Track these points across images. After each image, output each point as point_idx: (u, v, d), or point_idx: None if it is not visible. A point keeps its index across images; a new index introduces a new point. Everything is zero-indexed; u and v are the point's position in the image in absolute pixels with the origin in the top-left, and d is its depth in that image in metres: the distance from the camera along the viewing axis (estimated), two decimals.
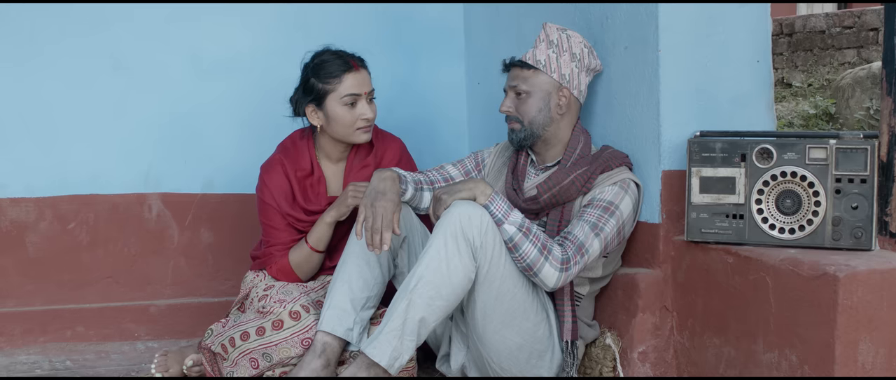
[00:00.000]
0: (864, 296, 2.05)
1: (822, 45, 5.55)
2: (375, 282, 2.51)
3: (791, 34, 5.83)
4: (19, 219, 3.05)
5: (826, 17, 5.54)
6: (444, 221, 2.30)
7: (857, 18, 5.37)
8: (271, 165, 2.74)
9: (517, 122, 2.62)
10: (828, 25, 5.51)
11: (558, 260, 2.35)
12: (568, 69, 2.57)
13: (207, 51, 3.23)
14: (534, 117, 2.59)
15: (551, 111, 2.58)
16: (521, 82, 2.59)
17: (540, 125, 2.59)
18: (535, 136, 2.61)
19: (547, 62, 2.56)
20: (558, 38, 2.58)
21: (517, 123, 2.62)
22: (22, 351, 2.95)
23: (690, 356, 2.48)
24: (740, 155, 2.37)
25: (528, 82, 2.58)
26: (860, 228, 2.25)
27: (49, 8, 3.02)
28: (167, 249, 3.21)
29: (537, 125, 2.59)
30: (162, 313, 3.13)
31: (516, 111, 2.61)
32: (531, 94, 2.58)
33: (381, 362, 2.25)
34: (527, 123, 2.60)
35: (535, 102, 2.58)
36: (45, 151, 3.06)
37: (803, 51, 5.65)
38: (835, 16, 5.42)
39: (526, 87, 2.58)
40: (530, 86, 2.58)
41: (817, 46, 5.58)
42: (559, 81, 2.56)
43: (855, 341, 2.05)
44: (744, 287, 2.30)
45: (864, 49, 5.18)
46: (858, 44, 5.27)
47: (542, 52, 2.58)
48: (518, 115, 2.61)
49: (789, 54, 5.71)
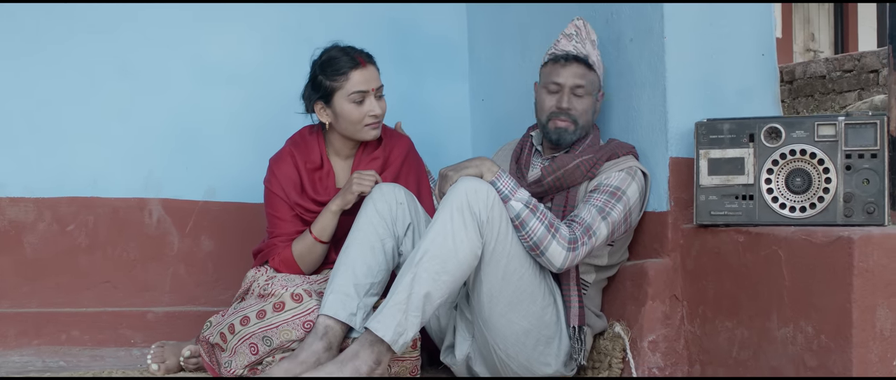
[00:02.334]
0: (880, 260, 2.01)
1: (823, 89, 5.60)
2: (380, 269, 2.45)
3: (791, 81, 5.89)
4: (18, 219, 3.01)
5: (826, 62, 5.61)
6: (451, 196, 2.27)
7: (857, 61, 5.42)
8: (281, 156, 2.72)
9: (573, 122, 2.55)
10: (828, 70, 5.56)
11: (566, 239, 2.31)
12: (602, 69, 2.62)
13: (213, 59, 3.24)
14: (588, 119, 2.57)
15: (595, 113, 2.60)
16: (586, 81, 2.55)
17: (586, 125, 2.58)
18: (582, 136, 2.58)
19: (597, 63, 2.59)
20: (594, 37, 2.61)
21: (572, 123, 2.55)
22: (15, 353, 2.88)
23: (702, 344, 2.42)
24: (748, 135, 2.35)
25: (586, 79, 2.56)
26: (872, 203, 2.22)
27: (55, 8, 3.04)
28: (167, 256, 3.16)
29: (587, 125, 2.58)
30: (159, 320, 3.06)
31: (575, 110, 2.55)
32: (589, 92, 2.56)
33: (384, 337, 2.19)
34: (582, 123, 2.56)
35: (589, 102, 2.57)
36: (46, 151, 3.04)
37: (805, 97, 5.69)
38: (835, 60, 5.49)
39: (585, 85, 2.55)
40: (588, 83, 2.56)
41: (818, 91, 5.63)
42: (600, 82, 2.59)
43: (872, 306, 2.00)
44: (755, 264, 2.25)
45: (866, 91, 5.22)
46: (859, 86, 5.32)
47: (591, 50, 2.58)
48: (576, 114, 2.55)
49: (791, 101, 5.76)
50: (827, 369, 2.04)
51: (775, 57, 2.68)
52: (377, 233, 2.46)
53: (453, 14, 3.58)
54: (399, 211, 2.50)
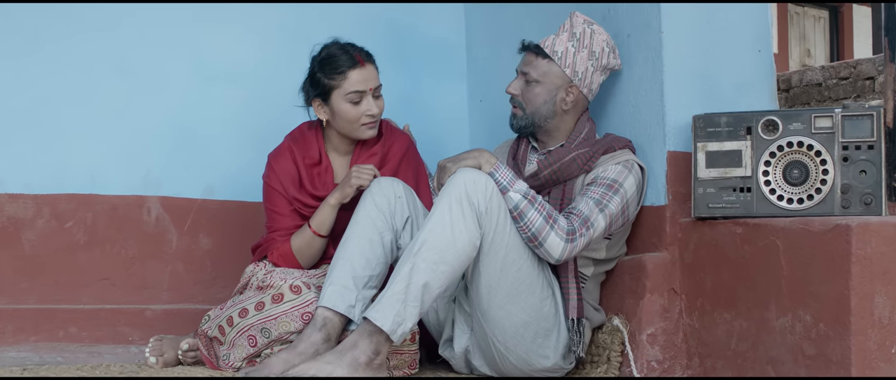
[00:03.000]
0: (878, 247, 2.02)
1: (819, 97, 5.62)
2: (378, 262, 2.45)
3: (788, 90, 5.92)
4: (17, 215, 3.00)
5: (822, 69, 5.64)
6: (449, 186, 2.28)
7: (852, 69, 5.45)
8: (280, 151, 2.72)
9: (520, 108, 2.61)
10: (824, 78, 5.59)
11: (564, 230, 2.32)
12: (583, 67, 2.55)
13: (212, 58, 3.24)
14: (538, 108, 2.58)
15: (556, 105, 2.57)
16: (533, 69, 2.58)
17: (542, 117, 2.58)
18: (535, 125, 2.60)
19: (564, 55, 2.55)
20: (582, 32, 2.57)
21: (520, 109, 2.61)
22: (12, 349, 2.87)
23: (701, 337, 2.42)
24: (746, 128, 2.36)
25: (539, 70, 2.57)
26: (870, 194, 2.23)
27: (54, 7, 3.04)
28: (165, 254, 3.15)
29: (539, 116, 2.58)
30: (157, 318, 3.05)
31: (522, 96, 2.60)
32: (540, 83, 2.57)
33: (383, 326, 2.19)
34: (530, 111, 2.59)
35: (542, 93, 2.57)
36: (45, 148, 3.04)
37: (801, 105, 5.72)
38: (831, 68, 5.52)
39: (536, 75, 2.57)
40: (541, 75, 2.57)
41: (815, 99, 5.66)
42: (571, 78, 2.56)
43: (870, 294, 2.01)
44: (754, 255, 2.26)
45: (862, 98, 5.24)
46: (855, 93, 5.35)
47: (562, 43, 2.56)
48: (523, 101, 2.60)
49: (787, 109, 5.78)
50: (825, 358, 2.05)
51: (772, 53, 2.69)
52: (375, 226, 2.46)
53: (451, 15, 3.60)
54: (397, 205, 2.50)
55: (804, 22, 12.36)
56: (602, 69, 2.58)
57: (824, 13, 12.49)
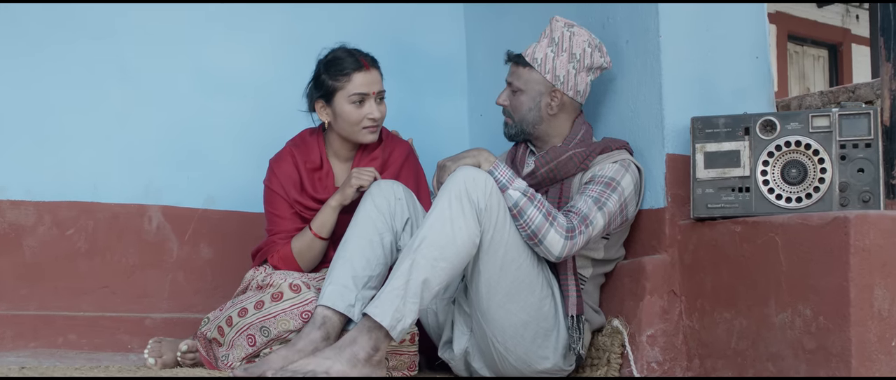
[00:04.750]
0: (877, 240, 2.03)
1: None
2: (378, 262, 2.46)
3: None
4: (18, 222, 3.01)
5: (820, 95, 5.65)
6: (449, 184, 2.29)
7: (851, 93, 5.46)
8: (282, 156, 2.74)
9: (510, 117, 2.68)
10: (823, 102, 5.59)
11: (563, 227, 2.33)
12: (563, 70, 2.58)
13: (214, 69, 3.28)
14: (524, 115, 2.63)
15: (541, 110, 2.61)
16: (516, 78, 2.65)
17: (530, 123, 2.63)
18: (525, 132, 2.65)
19: (543, 61, 2.59)
20: (560, 36, 2.61)
21: (509, 118, 2.68)
22: (11, 355, 2.85)
23: (700, 338, 2.41)
24: (744, 128, 2.38)
25: (521, 79, 2.63)
26: (868, 191, 2.24)
27: (58, 15, 3.08)
28: (166, 263, 3.16)
29: (527, 123, 2.63)
30: (157, 327, 3.05)
31: (510, 106, 2.66)
32: (524, 91, 2.62)
33: (382, 322, 2.19)
34: (517, 119, 2.65)
35: (527, 101, 2.62)
36: (47, 155, 3.05)
37: None
38: (829, 93, 5.53)
39: (519, 84, 2.63)
40: (523, 83, 2.62)
41: None
42: (552, 83, 2.59)
43: (869, 286, 2.01)
44: (753, 253, 2.26)
45: None
46: None
47: (541, 49, 2.61)
48: (511, 110, 2.66)
49: None
50: (825, 351, 2.04)
51: (769, 60, 2.72)
52: (375, 227, 2.47)
53: (452, 33, 3.65)
54: (397, 206, 2.51)
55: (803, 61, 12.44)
56: (587, 69, 2.60)
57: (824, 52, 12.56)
